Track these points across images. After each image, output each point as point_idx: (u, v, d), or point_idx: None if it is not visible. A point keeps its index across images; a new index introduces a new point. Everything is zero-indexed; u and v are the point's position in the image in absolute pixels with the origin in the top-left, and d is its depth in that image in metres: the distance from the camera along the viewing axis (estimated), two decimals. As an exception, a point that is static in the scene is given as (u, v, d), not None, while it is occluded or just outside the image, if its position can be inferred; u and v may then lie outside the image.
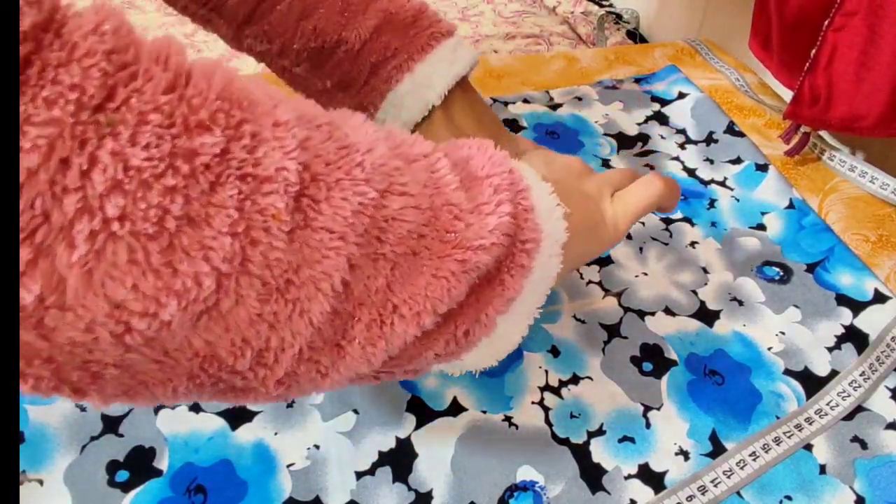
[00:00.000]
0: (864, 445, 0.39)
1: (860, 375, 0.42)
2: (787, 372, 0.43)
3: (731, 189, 0.56)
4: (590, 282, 0.48)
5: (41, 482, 0.35)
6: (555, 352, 0.43)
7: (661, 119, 0.64)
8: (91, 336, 0.19)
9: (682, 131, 0.63)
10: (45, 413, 0.37)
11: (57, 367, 0.20)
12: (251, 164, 0.21)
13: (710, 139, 0.61)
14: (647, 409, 0.40)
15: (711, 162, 0.59)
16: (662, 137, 0.62)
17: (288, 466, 0.36)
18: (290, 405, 0.39)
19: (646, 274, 0.49)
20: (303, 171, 0.22)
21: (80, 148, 0.18)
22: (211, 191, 0.20)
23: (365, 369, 0.26)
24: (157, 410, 0.38)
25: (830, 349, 0.44)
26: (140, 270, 0.19)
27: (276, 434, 0.38)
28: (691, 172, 0.58)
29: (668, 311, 0.46)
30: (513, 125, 0.61)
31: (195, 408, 0.39)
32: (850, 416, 0.40)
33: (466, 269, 0.27)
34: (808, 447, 0.39)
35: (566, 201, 0.32)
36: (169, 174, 0.19)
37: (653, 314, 0.46)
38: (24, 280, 0.18)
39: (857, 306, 0.47)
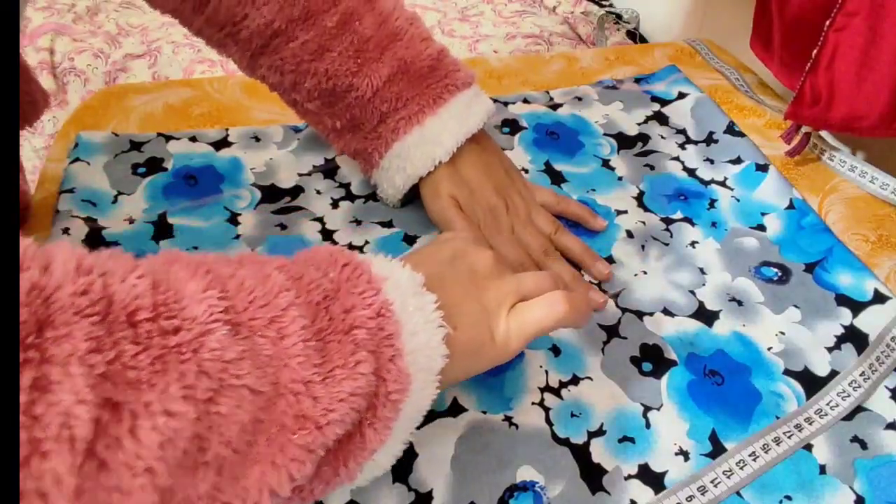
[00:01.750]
0: (864, 445, 0.39)
1: (860, 375, 0.42)
2: (787, 372, 0.43)
3: (732, 189, 0.56)
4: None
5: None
6: (555, 352, 0.43)
7: (661, 119, 0.64)
8: None
9: (682, 131, 0.63)
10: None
11: None
12: (28, 424, 0.18)
13: (710, 139, 0.61)
14: (647, 409, 0.40)
15: (711, 162, 0.59)
16: (662, 137, 0.62)
17: (288, 466, 0.36)
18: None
19: (645, 273, 0.49)
20: (100, 407, 0.19)
21: None
22: None
23: None
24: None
25: (830, 349, 0.44)
26: None
27: (275, 434, 0.38)
28: (691, 172, 0.58)
29: (667, 312, 0.46)
30: (513, 125, 0.61)
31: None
32: (850, 416, 0.40)
33: (312, 450, 0.25)
34: (808, 447, 0.39)
35: (455, 318, 0.32)
36: None
37: (651, 314, 0.46)
38: None
39: (856, 306, 0.47)
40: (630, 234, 0.51)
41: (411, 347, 0.29)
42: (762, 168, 0.57)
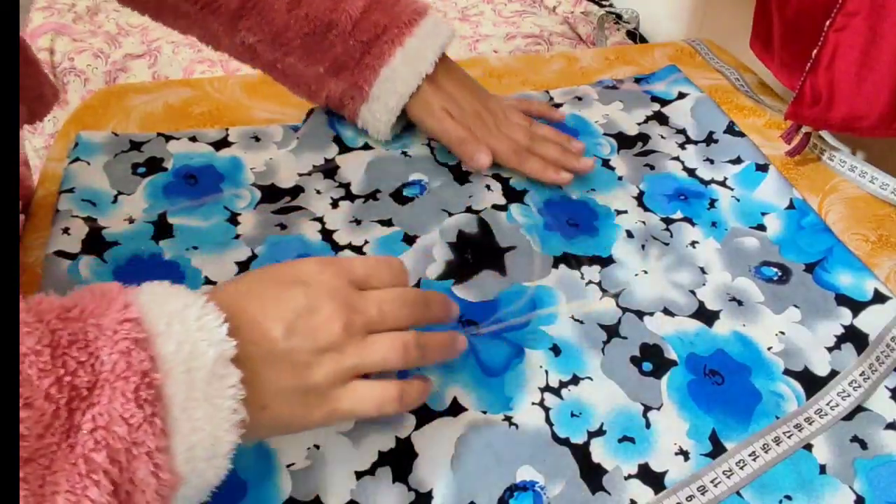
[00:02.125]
0: (863, 445, 0.39)
1: (860, 375, 0.42)
2: (787, 372, 0.43)
3: (732, 189, 0.56)
4: (589, 282, 0.48)
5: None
6: (555, 352, 0.43)
7: (661, 119, 0.64)
8: None
9: (682, 131, 0.63)
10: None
11: None
12: None
13: (710, 139, 0.61)
14: (647, 409, 0.40)
15: (711, 162, 0.59)
16: (662, 137, 0.62)
17: (288, 466, 0.36)
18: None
19: (646, 272, 0.49)
20: None
21: None
22: None
23: None
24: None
25: (830, 349, 0.44)
26: None
27: (275, 434, 0.38)
28: (691, 172, 0.58)
29: (667, 312, 0.46)
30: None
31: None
32: (850, 416, 0.40)
33: None
34: (808, 447, 0.39)
35: (268, 397, 0.30)
36: None
37: (651, 314, 0.46)
38: None
39: (856, 306, 0.47)
40: (630, 234, 0.51)
41: (187, 445, 0.27)
42: (762, 168, 0.57)
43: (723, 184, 0.57)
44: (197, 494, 0.29)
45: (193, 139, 0.56)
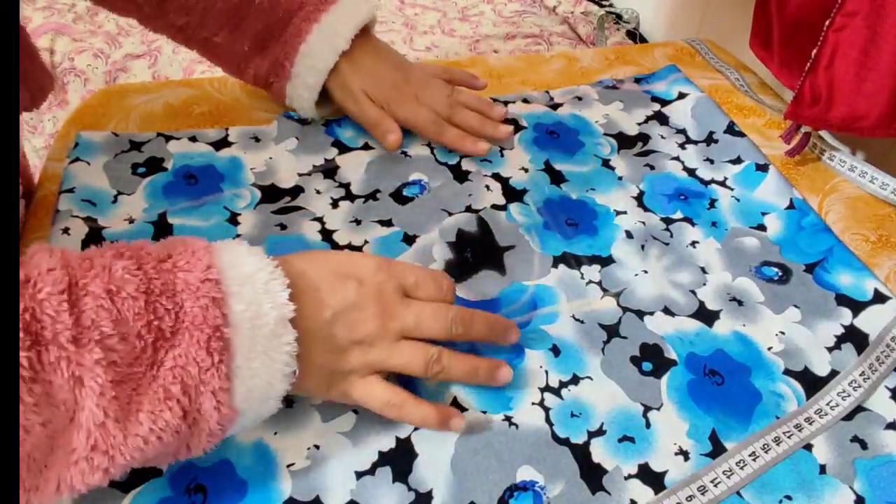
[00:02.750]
0: (864, 445, 0.39)
1: (860, 375, 0.42)
2: (787, 372, 0.43)
3: (732, 189, 0.56)
4: (590, 281, 0.48)
5: (41, 482, 0.35)
6: (555, 352, 0.43)
7: (662, 119, 0.64)
8: None
9: (682, 131, 0.63)
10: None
11: None
12: None
13: (710, 139, 0.61)
14: (647, 408, 0.40)
15: (712, 162, 0.59)
16: (662, 137, 0.62)
17: (288, 466, 0.36)
18: (289, 405, 0.39)
19: (646, 272, 0.49)
20: None
21: None
22: None
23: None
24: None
25: (830, 349, 0.44)
26: None
27: (275, 434, 0.38)
28: (691, 172, 0.58)
29: (667, 312, 0.46)
30: (513, 125, 0.61)
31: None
32: (850, 416, 0.40)
33: (108, 469, 0.29)
34: (808, 447, 0.39)
35: (304, 368, 0.34)
36: None
37: (651, 314, 0.46)
38: None
39: (856, 306, 0.47)
40: (629, 235, 0.51)
41: (246, 388, 0.32)
42: (762, 168, 0.57)
43: (723, 184, 0.57)
44: (252, 423, 0.35)
45: (193, 139, 0.56)
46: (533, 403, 0.40)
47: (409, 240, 0.50)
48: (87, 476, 0.29)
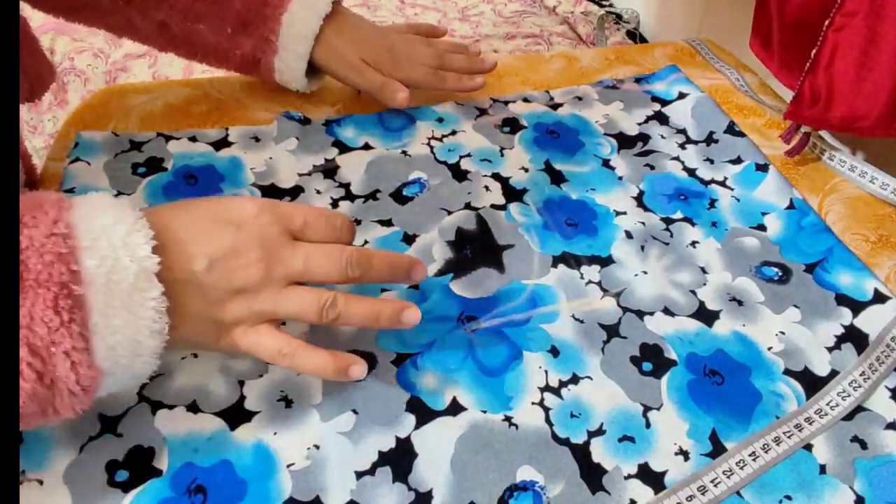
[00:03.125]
0: (864, 445, 0.39)
1: (860, 375, 0.42)
2: (787, 372, 0.43)
3: (732, 189, 0.56)
4: (589, 281, 0.48)
5: (41, 482, 0.35)
6: (554, 352, 0.43)
7: (662, 119, 0.64)
8: None
9: (682, 131, 0.63)
10: (44, 413, 0.37)
11: None
12: None
13: (710, 139, 0.61)
14: (647, 408, 0.40)
15: (712, 162, 0.59)
16: (663, 137, 0.62)
17: (288, 466, 0.36)
18: (288, 405, 0.39)
19: (645, 272, 0.49)
20: None
21: None
22: None
23: None
24: (154, 410, 0.38)
25: (830, 349, 0.44)
26: None
27: (275, 434, 0.38)
28: (691, 172, 0.58)
29: (668, 312, 0.46)
30: (513, 124, 0.61)
31: (193, 408, 0.38)
32: (850, 416, 0.40)
33: None
34: (808, 447, 0.39)
35: (180, 319, 0.33)
36: None
37: (652, 314, 0.46)
38: None
39: (856, 306, 0.47)
40: (629, 235, 0.51)
41: (108, 345, 0.30)
42: (762, 168, 0.57)
43: (723, 184, 0.57)
44: (129, 382, 0.33)
45: (193, 139, 0.56)
46: (533, 403, 0.40)
47: (408, 239, 0.50)
48: None
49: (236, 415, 0.38)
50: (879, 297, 0.47)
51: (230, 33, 0.56)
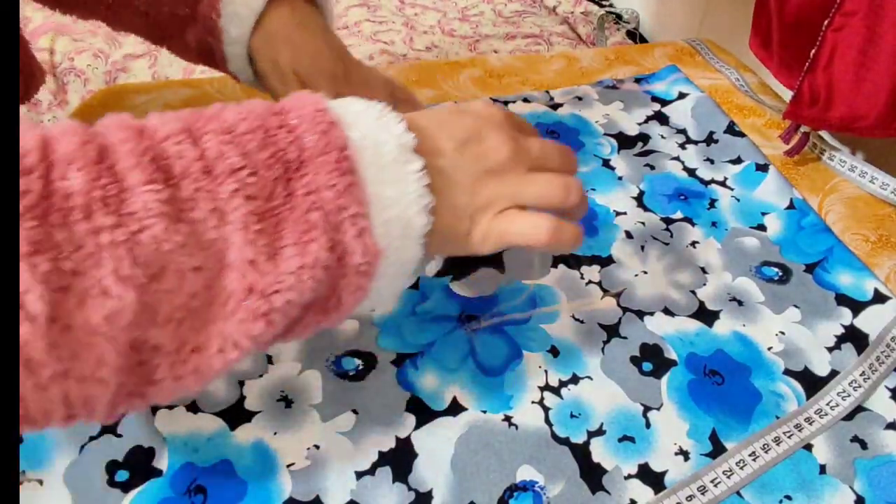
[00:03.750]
0: (864, 445, 0.39)
1: (860, 375, 0.42)
2: (787, 372, 0.43)
3: (732, 189, 0.56)
4: (589, 281, 0.48)
5: (41, 482, 0.35)
6: (554, 352, 0.43)
7: (662, 119, 0.64)
8: None
9: (682, 131, 0.63)
10: (44, 413, 0.37)
11: None
12: None
13: (710, 139, 0.61)
14: (647, 408, 0.40)
15: (712, 162, 0.59)
16: (663, 137, 0.62)
17: (288, 466, 0.36)
18: (288, 405, 0.39)
19: (645, 273, 0.49)
20: (51, 291, 0.23)
21: None
22: None
23: (192, 390, 0.27)
24: (154, 410, 0.38)
25: (830, 349, 0.44)
26: None
27: (275, 434, 0.38)
28: (691, 172, 0.58)
29: (668, 312, 0.46)
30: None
31: (193, 408, 0.39)
32: (850, 416, 0.40)
33: (266, 313, 0.27)
34: (808, 447, 0.39)
35: (439, 201, 0.32)
36: None
37: (652, 314, 0.46)
38: None
39: (856, 306, 0.47)
40: (629, 236, 0.51)
41: (383, 219, 0.30)
42: (762, 168, 0.57)
43: (723, 184, 0.57)
44: (395, 276, 0.32)
45: (193, 139, 0.56)
46: (533, 403, 0.40)
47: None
48: (248, 325, 0.27)
49: (236, 415, 0.38)
50: (879, 297, 0.47)
51: (182, 16, 0.49)
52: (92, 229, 0.24)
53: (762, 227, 0.53)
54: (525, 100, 0.65)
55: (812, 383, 0.42)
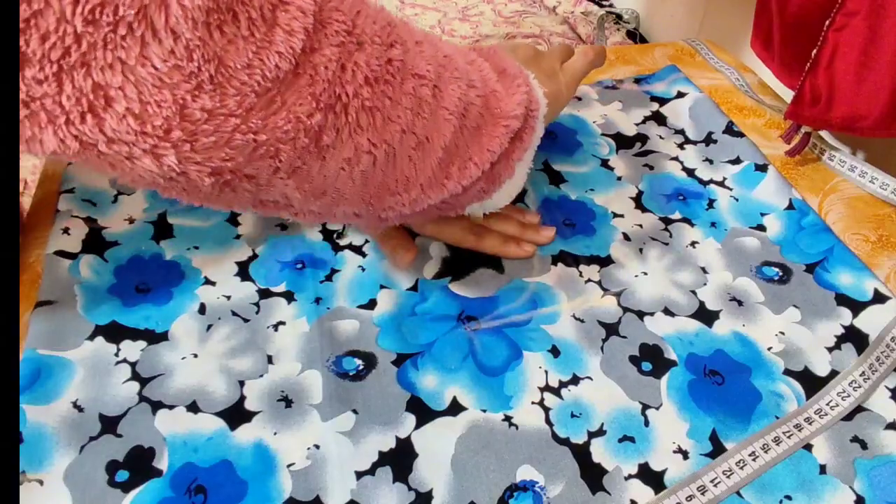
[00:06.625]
0: (864, 445, 0.39)
1: (860, 375, 0.42)
2: (787, 372, 0.43)
3: (731, 189, 0.56)
4: (589, 280, 0.48)
5: (41, 482, 0.35)
6: (554, 352, 0.43)
7: (660, 119, 0.64)
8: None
9: (681, 131, 0.63)
10: (43, 413, 0.37)
11: None
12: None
13: (709, 139, 0.61)
14: (647, 408, 0.40)
15: (711, 162, 0.59)
16: (661, 137, 0.62)
17: (288, 466, 0.36)
18: (288, 405, 0.39)
19: (645, 273, 0.49)
20: (327, 109, 0.30)
21: None
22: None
23: (445, 194, 0.38)
24: (154, 410, 0.38)
25: (830, 349, 0.44)
26: None
27: (275, 434, 0.38)
28: (690, 172, 0.58)
29: (668, 312, 0.46)
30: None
31: (193, 408, 0.38)
32: (850, 416, 0.40)
33: (508, 131, 0.39)
34: (808, 447, 0.39)
35: (539, 81, 0.44)
36: None
37: (652, 314, 0.46)
38: None
39: (856, 306, 0.47)
40: (627, 237, 0.51)
41: (535, 87, 0.43)
42: (761, 168, 0.57)
43: (722, 184, 0.57)
44: (529, 155, 0.44)
45: (193, 139, 0.56)
46: (533, 403, 0.40)
47: (408, 240, 0.49)
48: (489, 155, 0.39)
49: (236, 415, 0.38)
50: (879, 297, 0.47)
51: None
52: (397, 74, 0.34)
53: (761, 228, 0.53)
54: (525, 100, 0.65)
55: (812, 383, 0.42)
